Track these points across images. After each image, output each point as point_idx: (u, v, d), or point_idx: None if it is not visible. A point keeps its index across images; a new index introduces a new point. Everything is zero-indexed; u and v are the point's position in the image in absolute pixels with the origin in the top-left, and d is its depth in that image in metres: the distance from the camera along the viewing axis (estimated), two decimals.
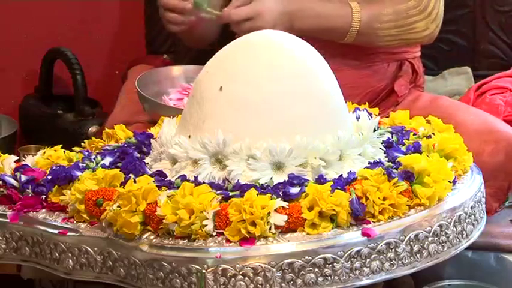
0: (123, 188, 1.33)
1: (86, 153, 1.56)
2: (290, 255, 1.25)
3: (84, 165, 1.47)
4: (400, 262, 1.31)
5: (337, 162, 1.39)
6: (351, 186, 1.33)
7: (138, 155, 1.53)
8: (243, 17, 1.81)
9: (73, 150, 1.58)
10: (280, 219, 1.27)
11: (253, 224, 1.25)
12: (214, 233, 1.27)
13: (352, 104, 1.70)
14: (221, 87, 1.40)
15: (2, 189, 1.45)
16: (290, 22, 1.83)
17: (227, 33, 1.88)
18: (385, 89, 1.96)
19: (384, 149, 1.49)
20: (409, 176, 1.36)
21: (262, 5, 1.81)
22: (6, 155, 1.55)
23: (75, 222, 1.37)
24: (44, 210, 1.41)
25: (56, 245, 1.37)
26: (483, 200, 1.49)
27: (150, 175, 1.40)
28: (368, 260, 1.28)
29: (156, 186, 1.32)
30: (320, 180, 1.34)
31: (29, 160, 1.55)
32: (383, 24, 1.85)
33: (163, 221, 1.27)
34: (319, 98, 1.42)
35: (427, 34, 1.89)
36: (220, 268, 1.24)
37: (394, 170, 1.37)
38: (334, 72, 1.47)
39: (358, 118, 1.53)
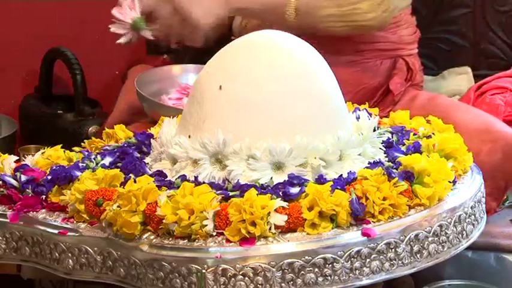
0: (123, 188, 1.33)
1: (86, 153, 1.56)
2: (290, 255, 1.25)
3: (84, 165, 1.47)
4: (400, 262, 1.31)
5: (337, 162, 1.39)
6: (351, 186, 1.33)
7: (138, 155, 1.53)
8: (165, 13, 1.75)
9: (73, 150, 1.58)
10: (280, 219, 1.27)
11: (253, 224, 1.25)
12: (214, 233, 1.27)
13: (352, 104, 1.70)
14: (220, 86, 1.40)
15: (2, 189, 1.45)
16: (223, 2, 1.77)
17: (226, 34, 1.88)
18: (380, 87, 1.95)
19: (384, 149, 1.49)
20: (409, 176, 1.36)
21: None
22: (6, 155, 1.55)
23: (75, 222, 1.37)
24: (44, 210, 1.41)
25: (56, 245, 1.37)
26: (483, 200, 1.49)
27: (150, 175, 1.40)
28: (368, 260, 1.28)
29: (156, 186, 1.32)
30: (320, 180, 1.34)
31: (29, 160, 1.55)
32: (322, 3, 1.79)
33: (163, 221, 1.27)
34: (319, 98, 1.42)
35: (373, 17, 1.82)
36: (220, 268, 1.24)
37: (394, 170, 1.37)
38: None
39: (358, 118, 1.53)
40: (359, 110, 1.59)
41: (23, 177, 1.44)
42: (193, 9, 1.74)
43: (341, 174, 1.37)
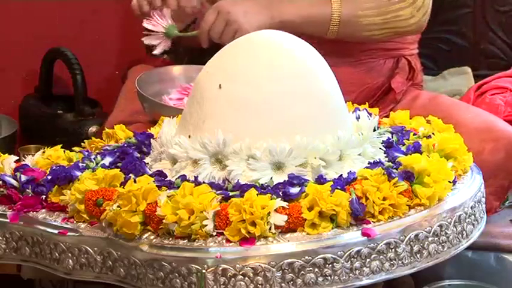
0: (123, 188, 1.33)
1: (86, 153, 1.56)
2: (290, 255, 1.25)
3: (84, 165, 1.47)
4: (400, 262, 1.31)
5: (337, 162, 1.39)
6: (351, 186, 1.33)
7: (138, 155, 1.53)
8: (210, 20, 1.80)
9: (73, 150, 1.58)
10: (280, 219, 1.27)
11: (253, 224, 1.25)
12: (214, 233, 1.27)
13: (352, 104, 1.70)
14: (220, 85, 1.40)
15: (2, 189, 1.45)
16: (269, 12, 1.80)
17: None
18: (382, 86, 1.96)
19: (384, 149, 1.49)
20: (409, 176, 1.36)
21: (224, 1, 1.80)
22: (6, 155, 1.55)
23: (75, 222, 1.37)
24: (44, 210, 1.41)
25: (56, 245, 1.37)
26: (483, 200, 1.49)
27: (150, 175, 1.40)
28: (368, 260, 1.28)
29: (156, 186, 1.32)
30: (320, 180, 1.34)
31: (29, 160, 1.55)
32: (365, 12, 1.82)
33: (163, 221, 1.27)
34: (319, 98, 1.42)
35: (414, 22, 1.86)
36: (220, 268, 1.24)
37: (394, 170, 1.37)
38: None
39: (358, 118, 1.53)
40: (359, 110, 1.59)
41: (23, 177, 1.44)
42: (244, 22, 1.77)
43: (341, 174, 1.37)
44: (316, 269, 1.26)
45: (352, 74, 1.90)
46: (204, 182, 1.34)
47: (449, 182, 1.40)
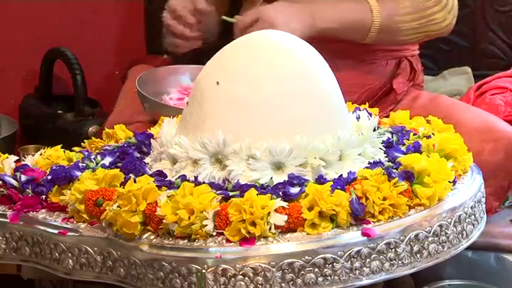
0: (123, 188, 1.33)
1: (86, 153, 1.56)
2: (290, 255, 1.25)
3: (84, 165, 1.47)
4: (400, 262, 1.31)
5: (337, 162, 1.39)
6: (351, 186, 1.33)
7: (138, 155, 1.53)
8: (248, 21, 1.79)
9: (73, 150, 1.58)
10: (280, 219, 1.27)
11: (253, 224, 1.25)
12: (214, 233, 1.27)
13: (352, 104, 1.70)
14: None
15: (2, 189, 1.45)
16: (311, 20, 1.80)
17: (226, 33, 1.88)
18: (383, 87, 1.96)
19: (384, 149, 1.49)
20: (409, 176, 1.36)
21: (266, 8, 1.80)
22: (6, 155, 1.55)
23: (75, 222, 1.37)
24: (44, 210, 1.41)
25: (56, 245, 1.37)
26: (483, 200, 1.49)
27: (150, 175, 1.40)
28: (368, 260, 1.28)
29: (156, 186, 1.32)
30: (320, 180, 1.34)
31: (29, 160, 1.55)
32: (403, 17, 1.84)
33: (163, 221, 1.27)
34: (319, 98, 1.42)
35: (446, 25, 1.89)
36: (220, 268, 1.24)
37: (394, 170, 1.37)
38: (332, 70, 1.47)
39: (358, 118, 1.53)
40: (359, 110, 1.59)
41: (23, 177, 1.44)
42: (284, 30, 1.76)
43: (341, 174, 1.37)
44: (316, 269, 1.26)
45: (354, 75, 1.91)
46: (204, 182, 1.34)
47: (449, 182, 1.40)
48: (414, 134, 1.58)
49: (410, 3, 1.85)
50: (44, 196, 1.43)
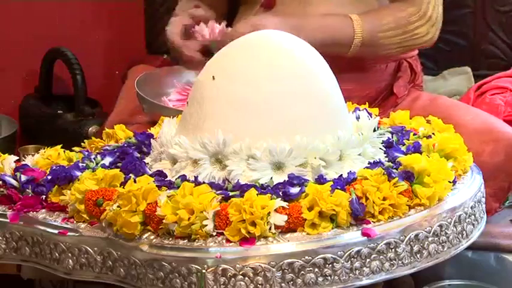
0: (123, 188, 1.33)
1: (86, 153, 1.56)
2: (290, 255, 1.25)
3: (84, 165, 1.47)
4: (400, 262, 1.31)
5: (337, 162, 1.39)
6: (351, 186, 1.33)
7: (138, 155, 1.53)
8: (242, 33, 1.78)
9: (73, 150, 1.58)
10: (280, 219, 1.27)
11: (253, 224, 1.25)
12: (214, 233, 1.27)
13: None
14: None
15: (2, 189, 1.45)
16: (297, 34, 1.81)
17: None
18: (384, 90, 1.96)
19: (384, 149, 1.49)
20: (409, 176, 1.36)
21: (260, 19, 1.80)
22: (6, 155, 1.55)
23: (75, 222, 1.37)
24: (44, 210, 1.41)
25: (56, 245, 1.37)
26: (483, 200, 1.49)
27: (150, 175, 1.40)
28: (368, 260, 1.28)
29: (156, 186, 1.32)
30: (320, 180, 1.34)
31: (29, 160, 1.55)
32: (385, 33, 1.84)
33: (163, 221, 1.27)
34: (319, 98, 1.42)
35: (429, 38, 1.89)
36: (220, 268, 1.24)
37: (394, 170, 1.37)
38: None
39: (358, 118, 1.53)
40: (359, 110, 1.59)
41: (23, 177, 1.44)
42: None
43: (341, 174, 1.37)
44: (316, 269, 1.26)
45: (355, 80, 1.91)
46: (204, 182, 1.34)
47: (449, 182, 1.40)
48: (414, 134, 1.58)
49: (393, 18, 1.85)
50: (44, 196, 1.43)
